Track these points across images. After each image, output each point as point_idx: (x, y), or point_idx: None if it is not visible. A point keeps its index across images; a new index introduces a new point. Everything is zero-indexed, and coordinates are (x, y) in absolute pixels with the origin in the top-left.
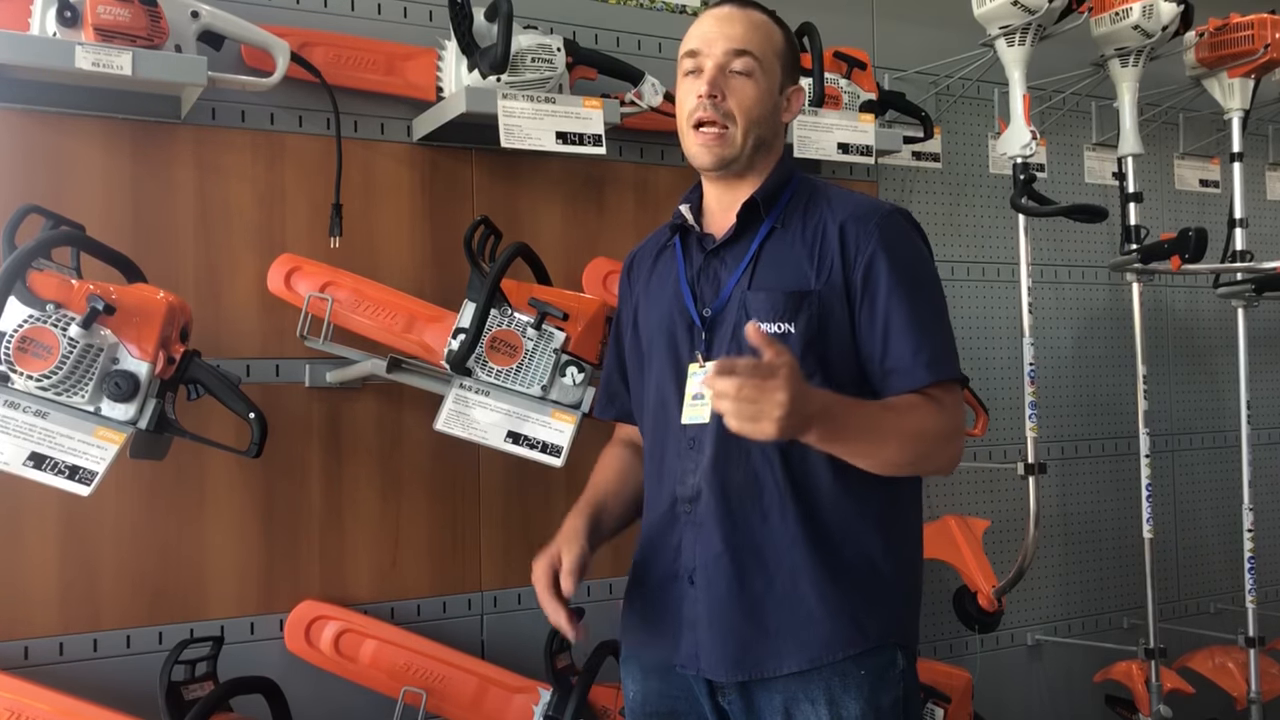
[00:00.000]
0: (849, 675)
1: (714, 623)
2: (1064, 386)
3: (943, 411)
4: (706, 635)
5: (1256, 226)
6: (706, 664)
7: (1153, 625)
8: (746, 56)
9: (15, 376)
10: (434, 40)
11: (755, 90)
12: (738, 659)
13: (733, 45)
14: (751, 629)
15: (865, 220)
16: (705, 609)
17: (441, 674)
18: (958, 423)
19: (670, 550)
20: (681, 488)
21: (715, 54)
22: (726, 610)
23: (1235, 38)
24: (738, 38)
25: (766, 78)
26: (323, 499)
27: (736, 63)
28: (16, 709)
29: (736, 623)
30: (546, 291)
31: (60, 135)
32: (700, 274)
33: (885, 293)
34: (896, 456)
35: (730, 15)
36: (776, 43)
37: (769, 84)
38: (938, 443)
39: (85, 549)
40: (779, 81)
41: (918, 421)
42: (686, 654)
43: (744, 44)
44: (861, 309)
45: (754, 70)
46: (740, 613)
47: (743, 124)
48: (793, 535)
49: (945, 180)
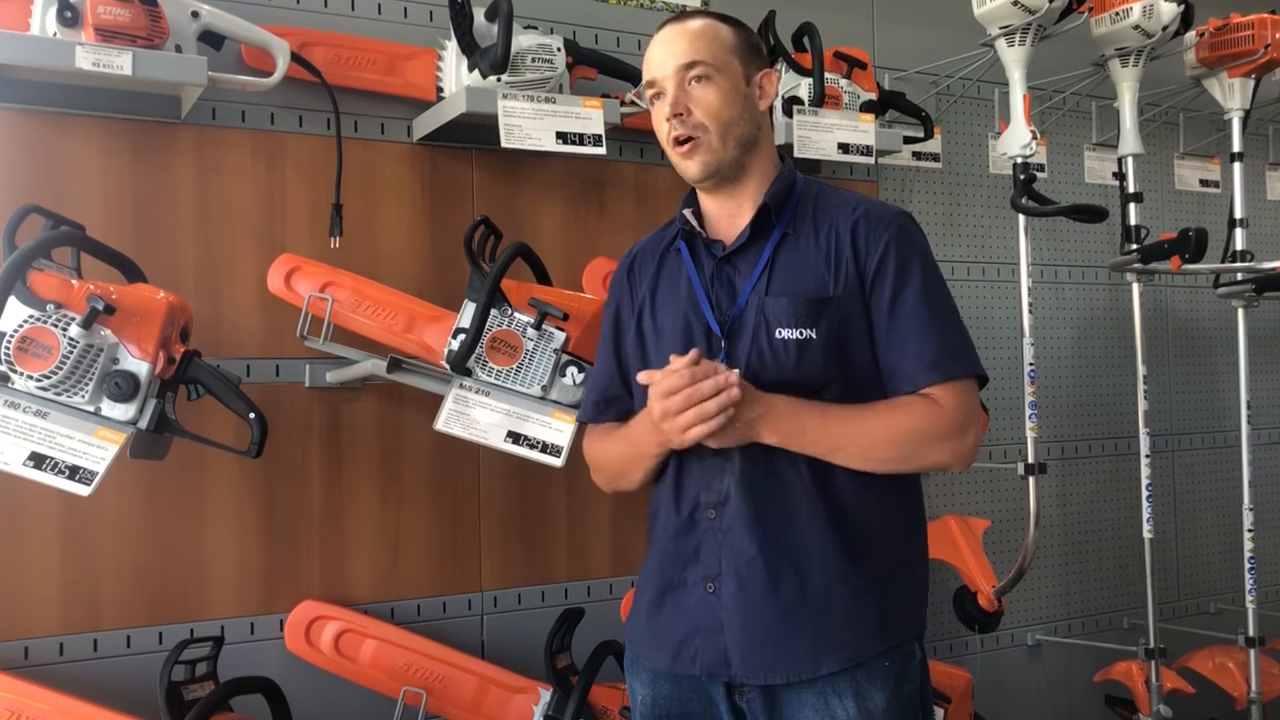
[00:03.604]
0: (875, 669)
1: (748, 626)
2: (1064, 386)
3: (935, 410)
4: (740, 639)
5: (1256, 226)
6: (740, 669)
7: (1153, 625)
8: (699, 65)
9: (15, 376)
10: (434, 40)
11: (717, 93)
12: (774, 662)
13: (681, 61)
14: (787, 631)
15: (875, 224)
16: (737, 613)
17: (441, 674)
18: (959, 420)
19: (684, 556)
20: (707, 494)
21: (669, 74)
22: (761, 614)
23: (1235, 38)
24: (683, 52)
25: (725, 77)
26: (323, 499)
27: (692, 74)
28: (16, 709)
29: (772, 626)
30: (546, 291)
31: (60, 135)
32: (714, 281)
33: (891, 296)
34: (881, 453)
35: (672, 34)
36: (725, 39)
37: (730, 82)
38: (929, 441)
39: (85, 549)
40: (740, 74)
41: (902, 420)
42: (711, 659)
43: (691, 55)
44: (872, 311)
45: (710, 74)
46: (775, 615)
47: (716, 129)
48: (821, 535)
49: (945, 180)
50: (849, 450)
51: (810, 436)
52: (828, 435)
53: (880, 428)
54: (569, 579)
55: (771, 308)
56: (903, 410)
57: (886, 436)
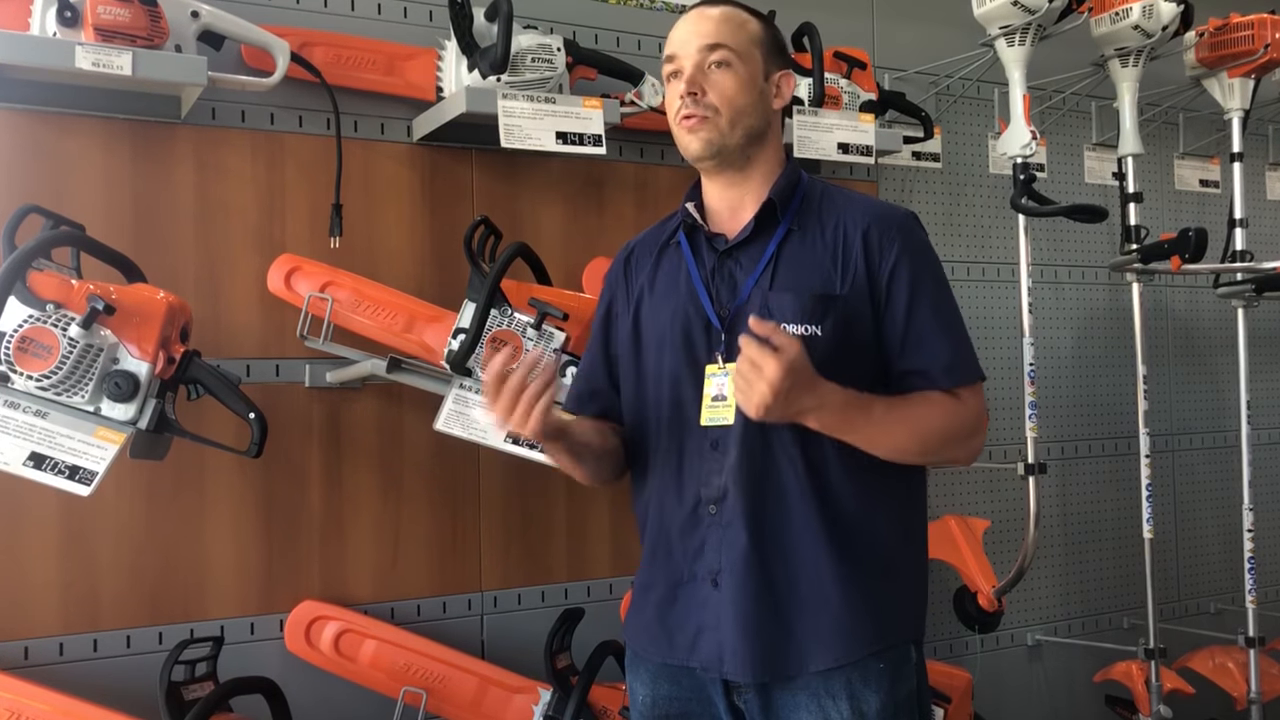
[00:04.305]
0: (869, 670)
1: (740, 623)
2: (1064, 386)
3: (963, 408)
4: (732, 636)
5: (1256, 226)
6: (731, 666)
7: (1153, 625)
8: (721, 49)
9: (15, 376)
10: (434, 40)
11: (735, 80)
12: (764, 660)
13: (706, 41)
14: (778, 629)
15: (888, 226)
16: (731, 610)
17: (441, 674)
18: (978, 419)
19: (690, 552)
20: (706, 489)
21: (691, 53)
22: (754, 611)
23: (1235, 38)
24: (710, 33)
25: (746, 66)
26: (323, 499)
27: (713, 57)
28: (16, 709)
29: (764, 623)
30: (546, 291)
31: (60, 135)
32: (714, 274)
33: (908, 298)
34: (908, 446)
35: (701, 14)
36: (752, 31)
37: (749, 72)
38: (955, 439)
39: (85, 549)
40: (761, 68)
41: (935, 417)
42: (708, 656)
43: (717, 38)
44: (885, 313)
45: (731, 60)
46: (768, 613)
47: (728, 114)
48: (815, 534)
49: (945, 180)
50: (882, 444)
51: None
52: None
53: (916, 421)
54: (569, 579)
55: (777, 302)
56: (937, 406)
57: (917, 431)
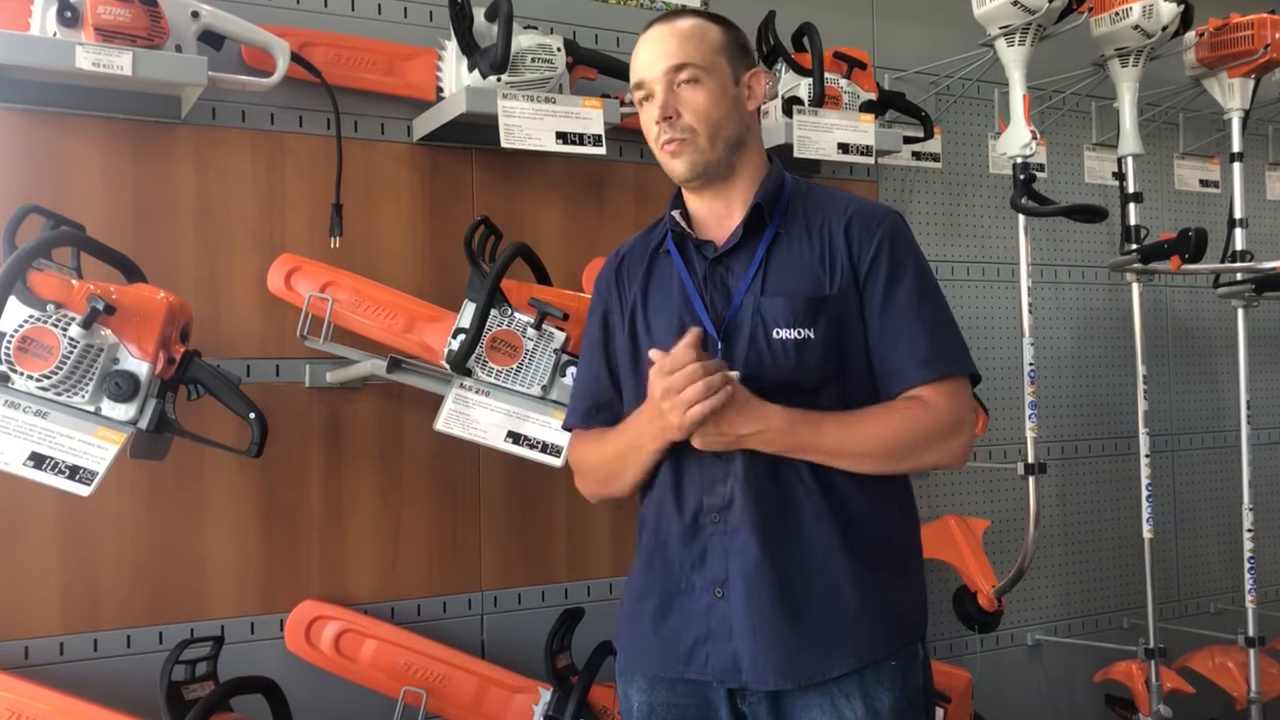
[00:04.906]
0: (882, 669)
1: (758, 632)
2: (1064, 386)
3: (927, 412)
4: (749, 645)
5: (1256, 226)
6: (751, 674)
7: (1153, 625)
8: (688, 68)
9: (15, 376)
10: (434, 40)
11: (706, 95)
12: (786, 667)
13: (671, 62)
14: (798, 636)
15: (868, 221)
16: (746, 619)
17: (441, 674)
18: (951, 420)
19: (690, 562)
20: (710, 497)
21: (658, 75)
22: (771, 618)
23: (1235, 38)
24: (673, 53)
25: (714, 78)
26: (323, 499)
27: (681, 76)
28: (16, 709)
29: (783, 631)
30: (546, 291)
31: (60, 135)
32: (706, 282)
33: (884, 289)
34: (874, 456)
35: (660, 34)
36: (713, 40)
37: (718, 83)
38: (926, 444)
39: (85, 549)
40: (729, 75)
41: (895, 424)
42: (721, 666)
43: (680, 57)
44: (865, 306)
45: (699, 76)
46: (786, 620)
47: (705, 131)
48: (827, 537)
49: (945, 180)
50: (844, 458)
51: (807, 450)
52: (825, 446)
53: (874, 433)
54: (569, 579)
55: (768, 308)
56: (896, 414)
57: (880, 442)
